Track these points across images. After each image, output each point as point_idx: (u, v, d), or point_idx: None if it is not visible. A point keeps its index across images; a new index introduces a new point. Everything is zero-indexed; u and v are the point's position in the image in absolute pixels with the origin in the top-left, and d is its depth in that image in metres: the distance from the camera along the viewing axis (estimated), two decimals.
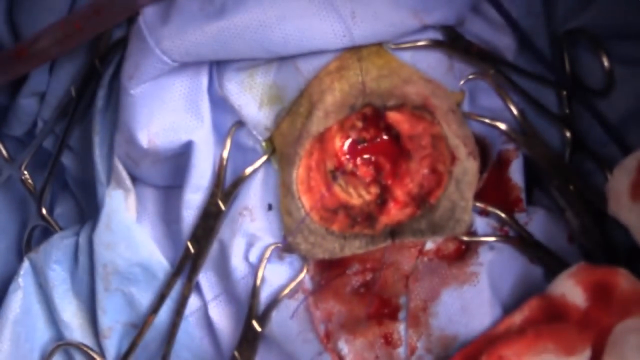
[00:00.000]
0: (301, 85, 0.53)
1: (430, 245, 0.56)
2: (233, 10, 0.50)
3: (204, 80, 0.56)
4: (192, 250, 0.58)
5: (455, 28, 0.56)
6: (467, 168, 0.52)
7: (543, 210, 0.58)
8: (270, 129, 0.55)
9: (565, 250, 0.58)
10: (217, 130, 0.58)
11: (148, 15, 0.52)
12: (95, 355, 0.61)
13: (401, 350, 0.54)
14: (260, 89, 0.55)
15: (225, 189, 0.57)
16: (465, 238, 0.55)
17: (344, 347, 0.54)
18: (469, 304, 0.53)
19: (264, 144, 0.56)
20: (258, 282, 0.55)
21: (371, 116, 0.52)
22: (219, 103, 0.56)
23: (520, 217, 0.58)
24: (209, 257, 0.58)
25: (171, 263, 0.60)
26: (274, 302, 0.55)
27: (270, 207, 0.56)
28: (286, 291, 0.55)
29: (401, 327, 0.54)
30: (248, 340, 0.57)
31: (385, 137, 0.53)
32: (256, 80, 0.55)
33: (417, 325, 0.54)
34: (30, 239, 0.67)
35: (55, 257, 0.60)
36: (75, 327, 0.61)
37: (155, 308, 0.59)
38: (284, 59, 0.54)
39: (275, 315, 0.56)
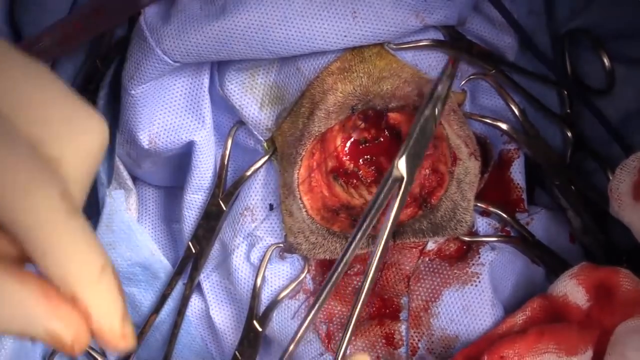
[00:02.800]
0: (302, 85, 0.53)
1: (431, 245, 0.56)
2: (234, 10, 0.50)
3: (205, 80, 0.55)
4: (193, 250, 0.58)
5: (456, 28, 0.56)
6: (469, 168, 0.52)
7: (544, 210, 0.59)
8: (272, 129, 0.55)
9: (566, 250, 0.58)
10: (218, 131, 0.58)
11: (149, 15, 0.52)
12: (96, 355, 0.60)
13: (402, 351, 0.54)
14: (262, 89, 0.54)
15: (226, 189, 0.57)
16: (466, 238, 0.55)
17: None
18: (471, 304, 0.53)
19: (265, 144, 0.56)
20: (259, 282, 0.55)
21: (372, 116, 0.52)
22: (220, 103, 0.56)
23: (522, 217, 0.58)
24: (210, 257, 0.58)
25: (172, 263, 0.60)
26: (275, 302, 0.55)
27: (271, 207, 0.56)
28: (287, 291, 0.55)
29: (402, 328, 0.54)
30: (249, 340, 0.56)
31: (387, 137, 0.53)
32: (257, 81, 0.54)
33: (419, 325, 0.54)
34: None
35: None
36: None
37: (156, 308, 0.59)
38: (285, 59, 0.54)
39: (276, 315, 0.56)
